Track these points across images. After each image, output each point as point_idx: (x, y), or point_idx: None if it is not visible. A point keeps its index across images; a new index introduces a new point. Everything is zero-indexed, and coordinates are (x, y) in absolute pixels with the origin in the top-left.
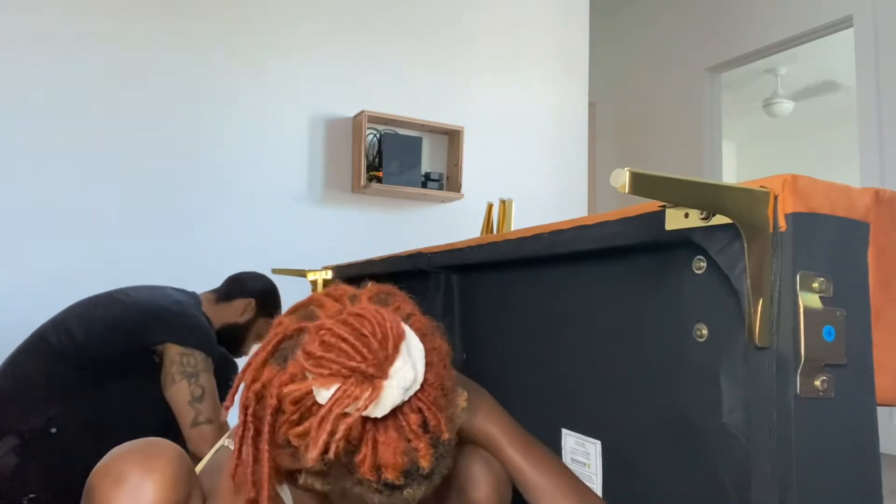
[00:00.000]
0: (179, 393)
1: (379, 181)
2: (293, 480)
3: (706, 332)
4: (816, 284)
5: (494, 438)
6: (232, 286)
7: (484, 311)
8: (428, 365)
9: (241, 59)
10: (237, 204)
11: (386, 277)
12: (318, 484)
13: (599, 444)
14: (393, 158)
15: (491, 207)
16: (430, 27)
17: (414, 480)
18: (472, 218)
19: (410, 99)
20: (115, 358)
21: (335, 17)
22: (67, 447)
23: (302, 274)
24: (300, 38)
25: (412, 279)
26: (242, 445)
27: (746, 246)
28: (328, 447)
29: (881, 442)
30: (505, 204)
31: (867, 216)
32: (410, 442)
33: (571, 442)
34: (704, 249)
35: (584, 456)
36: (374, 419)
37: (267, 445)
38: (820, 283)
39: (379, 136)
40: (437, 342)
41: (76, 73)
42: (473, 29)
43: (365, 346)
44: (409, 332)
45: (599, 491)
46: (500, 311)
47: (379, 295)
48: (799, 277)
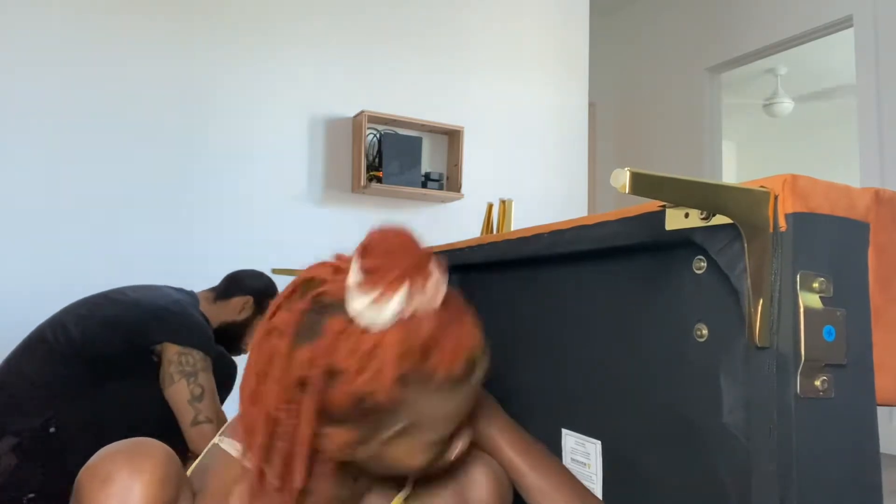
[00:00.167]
0: (179, 392)
1: (379, 181)
2: (341, 470)
3: (706, 331)
4: (816, 284)
5: (495, 440)
6: (230, 284)
7: (483, 311)
8: None
9: (240, 58)
10: (237, 204)
11: None
12: (384, 433)
13: (599, 444)
14: (393, 158)
15: (491, 207)
16: (430, 27)
17: (480, 360)
18: (472, 218)
19: (410, 99)
20: (113, 357)
21: (335, 17)
22: (67, 447)
23: None
24: (300, 38)
25: None
26: (272, 456)
27: (746, 246)
28: (403, 360)
29: (881, 442)
30: (505, 204)
31: (867, 216)
32: (463, 318)
33: (571, 442)
34: (704, 249)
35: (584, 456)
36: (434, 311)
37: (310, 434)
38: (820, 283)
39: (379, 136)
40: None
41: (76, 73)
42: (473, 29)
43: (404, 245)
44: None
45: (599, 491)
46: (499, 311)
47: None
48: (799, 277)
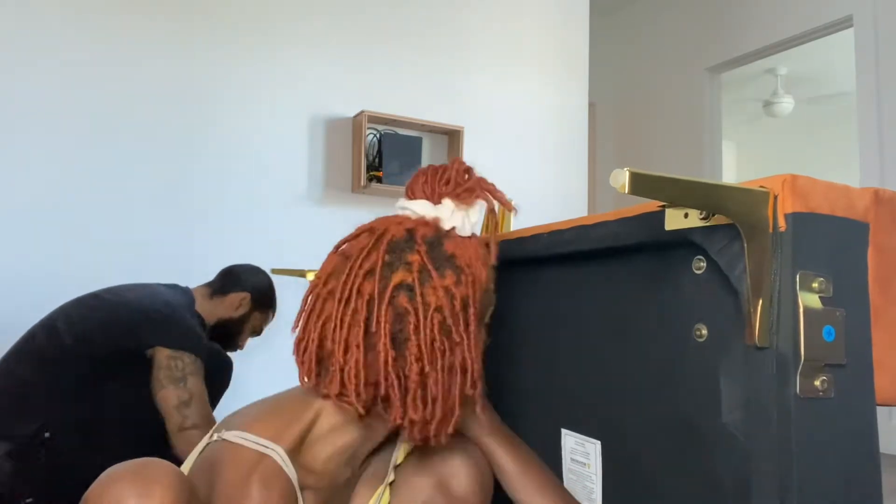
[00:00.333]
0: (167, 398)
1: (379, 181)
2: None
3: (706, 332)
4: (816, 284)
5: (477, 429)
6: (226, 280)
7: None
8: None
9: (240, 58)
10: (237, 204)
11: None
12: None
13: (599, 444)
14: (393, 158)
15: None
16: (430, 27)
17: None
18: None
19: (410, 99)
20: (104, 360)
21: (335, 17)
22: (62, 451)
23: (301, 274)
24: (300, 38)
25: None
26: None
27: (746, 246)
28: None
29: (881, 442)
30: None
31: (867, 216)
32: None
33: (571, 442)
34: (704, 249)
35: (583, 456)
36: None
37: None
38: (820, 283)
39: (379, 136)
40: None
41: (76, 73)
42: (473, 29)
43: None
44: None
45: (599, 491)
46: (499, 311)
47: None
48: (799, 277)
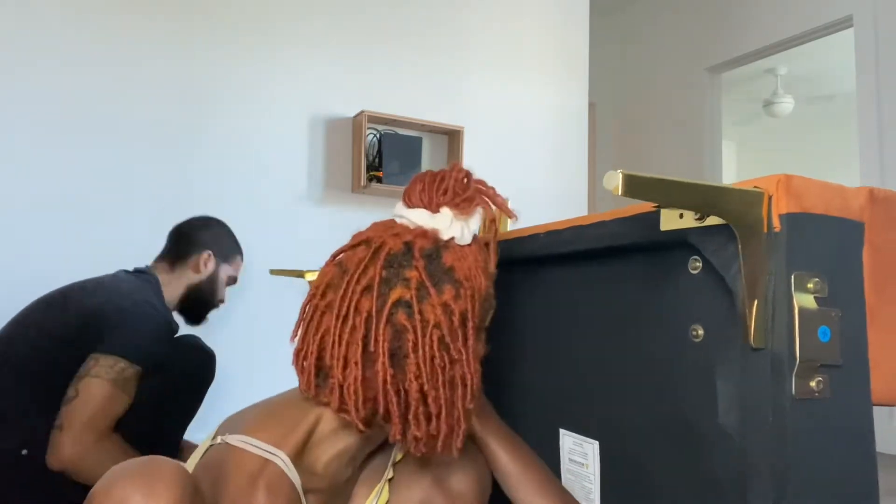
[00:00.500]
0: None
1: (379, 181)
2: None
3: (702, 332)
4: (811, 285)
5: (475, 428)
6: (181, 244)
7: None
8: None
9: (240, 58)
10: (237, 204)
11: None
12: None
13: (597, 444)
14: (393, 158)
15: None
16: (430, 27)
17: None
18: None
19: (410, 99)
20: (67, 370)
21: (335, 17)
22: (43, 468)
23: (300, 275)
24: (300, 38)
25: None
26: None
27: (741, 246)
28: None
29: (881, 442)
30: None
31: (862, 216)
32: None
33: (569, 442)
34: (699, 250)
35: (581, 456)
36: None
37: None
38: (815, 283)
39: (379, 136)
40: None
41: (76, 73)
42: (473, 29)
43: (444, 177)
44: None
45: (597, 491)
46: (497, 311)
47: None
48: (794, 278)
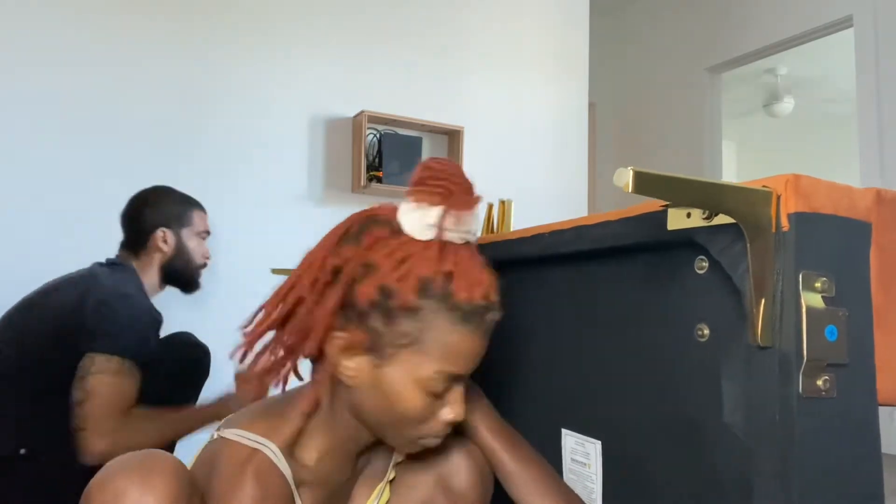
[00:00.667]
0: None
1: (379, 181)
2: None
3: (707, 332)
4: (819, 284)
5: (477, 427)
6: (134, 230)
7: None
8: None
9: (240, 58)
10: (237, 204)
11: None
12: (393, 341)
13: (599, 444)
14: (393, 158)
15: (491, 208)
16: (430, 27)
17: (494, 304)
18: None
19: (410, 99)
20: (57, 371)
21: (335, 17)
22: (42, 468)
23: None
24: (300, 38)
25: None
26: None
27: (749, 246)
28: (431, 270)
29: (883, 442)
30: (505, 204)
31: (869, 216)
32: (484, 264)
33: (571, 442)
34: (706, 249)
35: (583, 456)
36: (464, 244)
37: (329, 317)
38: (822, 282)
39: (379, 136)
40: None
41: (76, 73)
42: (473, 29)
43: (457, 173)
44: None
45: (599, 491)
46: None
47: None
48: (801, 277)
